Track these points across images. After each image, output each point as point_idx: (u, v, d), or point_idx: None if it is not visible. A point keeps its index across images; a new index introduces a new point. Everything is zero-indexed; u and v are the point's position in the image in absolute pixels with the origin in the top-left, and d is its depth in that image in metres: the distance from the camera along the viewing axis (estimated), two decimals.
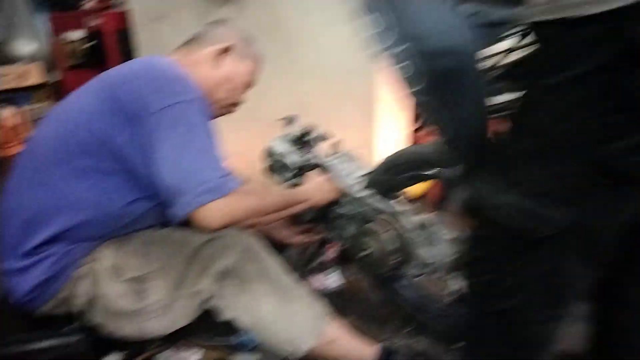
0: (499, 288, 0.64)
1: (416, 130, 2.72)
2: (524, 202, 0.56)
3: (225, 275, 1.00)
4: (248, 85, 1.21)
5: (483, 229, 0.64)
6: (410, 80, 0.63)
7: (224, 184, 0.90)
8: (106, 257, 1.02)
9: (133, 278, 1.01)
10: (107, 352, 1.13)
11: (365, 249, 1.24)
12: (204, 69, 1.10)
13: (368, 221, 1.28)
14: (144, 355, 1.25)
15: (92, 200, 0.97)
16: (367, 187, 1.37)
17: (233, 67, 1.14)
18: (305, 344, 1.01)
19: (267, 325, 1.00)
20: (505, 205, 0.57)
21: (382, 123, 2.32)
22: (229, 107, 1.21)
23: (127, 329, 1.04)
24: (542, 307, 0.65)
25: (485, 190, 0.61)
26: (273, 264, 1.06)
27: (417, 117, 3.25)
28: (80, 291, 1.01)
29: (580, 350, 1.28)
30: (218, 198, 0.88)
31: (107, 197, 0.98)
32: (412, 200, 1.32)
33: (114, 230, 1.03)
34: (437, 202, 2.33)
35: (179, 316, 1.03)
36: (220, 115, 1.20)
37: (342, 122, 2.27)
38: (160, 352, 1.30)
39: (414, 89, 0.62)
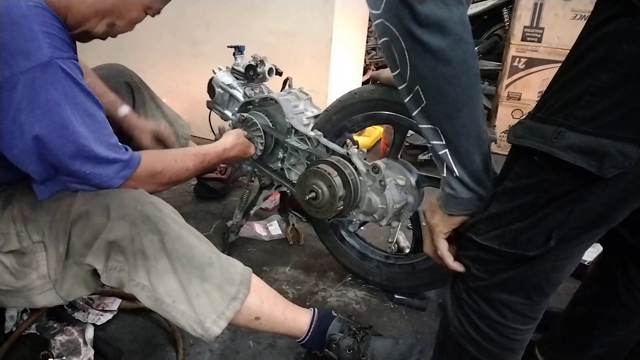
0: (529, 235, 0.62)
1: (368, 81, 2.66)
2: (594, 140, 0.53)
3: (114, 247, 0.84)
4: (137, 21, 0.96)
5: (542, 172, 0.59)
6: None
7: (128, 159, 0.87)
8: None
9: (13, 252, 0.87)
10: None
11: (314, 191, 1.17)
12: None
13: (318, 162, 1.20)
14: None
15: None
16: (318, 127, 1.29)
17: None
18: (213, 328, 0.86)
19: (165, 307, 0.85)
20: (573, 145, 0.54)
21: (337, 63, 2.23)
22: (102, 37, 0.97)
23: (14, 303, 0.92)
24: (571, 251, 0.64)
25: (548, 131, 0.56)
26: (179, 236, 0.86)
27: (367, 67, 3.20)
28: None
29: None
30: (132, 172, 0.87)
31: None
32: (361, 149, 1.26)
33: None
34: (388, 147, 2.31)
35: (75, 287, 0.90)
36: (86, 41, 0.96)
37: (296, 60, 2.16)
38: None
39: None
